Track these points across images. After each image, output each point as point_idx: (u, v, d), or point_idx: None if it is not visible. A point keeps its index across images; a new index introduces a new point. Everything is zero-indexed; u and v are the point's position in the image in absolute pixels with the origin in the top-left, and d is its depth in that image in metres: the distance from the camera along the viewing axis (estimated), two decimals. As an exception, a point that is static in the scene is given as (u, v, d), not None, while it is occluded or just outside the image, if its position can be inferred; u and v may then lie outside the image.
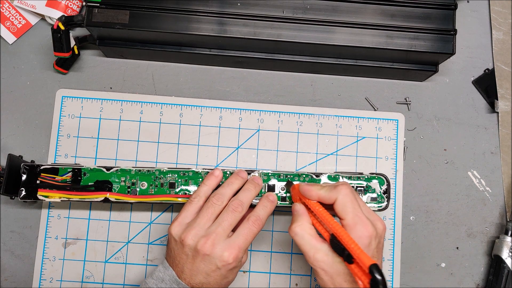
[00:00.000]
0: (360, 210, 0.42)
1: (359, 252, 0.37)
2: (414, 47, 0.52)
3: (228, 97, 0.59)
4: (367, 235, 0.41)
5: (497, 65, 0.59)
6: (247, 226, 0.45)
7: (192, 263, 0.44)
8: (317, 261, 0.41)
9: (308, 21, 0.52)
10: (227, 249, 0.43)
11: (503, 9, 0.60)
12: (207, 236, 0.44)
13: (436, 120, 0.59)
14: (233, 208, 0.46)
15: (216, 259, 0.43)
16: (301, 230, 0.43)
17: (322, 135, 0.58)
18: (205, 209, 0.46)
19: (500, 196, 0.58)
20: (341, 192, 0.42)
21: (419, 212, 0.57)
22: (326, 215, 0.42)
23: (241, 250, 0.44)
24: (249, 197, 0.48)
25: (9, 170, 0.50)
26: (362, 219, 0.41)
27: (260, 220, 0.46)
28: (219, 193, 0.47)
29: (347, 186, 0.43)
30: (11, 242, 0.56)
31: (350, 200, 0.42)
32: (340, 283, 0.41)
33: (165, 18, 0.52)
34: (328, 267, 0.41)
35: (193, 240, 0.44)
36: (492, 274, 0.55)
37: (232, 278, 0.46)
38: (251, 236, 0.45)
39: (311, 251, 0.41)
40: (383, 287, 0.35)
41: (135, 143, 0.57)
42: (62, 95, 0.58)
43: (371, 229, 0.41)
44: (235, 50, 0.56)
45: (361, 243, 0.40)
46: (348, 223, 0.41)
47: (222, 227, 0.44)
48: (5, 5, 0.59)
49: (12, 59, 0.59)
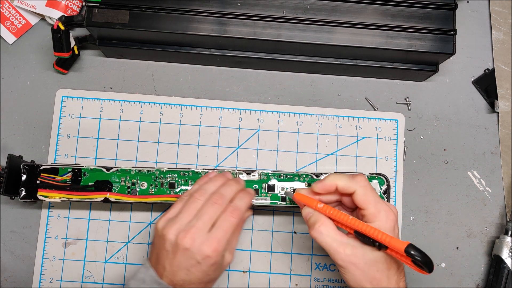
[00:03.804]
0: (379, 198, 0.43)
1: (390, 239, 0.39)
2: (414, 47, 0.52)
3: (228, 97, 0.59)
4: (392, 219, 0.42)
5: (497, 65, 0.59)
6: (225, 217, 0.44)
7: (173, 259, 0.43)
8: (348, 255, 0.41)
9: (308, 21, 0.52)
10: (206, 243, 0.43)
11: (503, 9, 0.60)
12: (187, 230, 0.43)
13: (436, 120, 0.59)
14: (213, 201, 0.45)
15: (195, 253, 0.42)
16: (326, 229, 0.42)
17: (322, 135, 0.58)
18: (187, 205, 0.45)
19: (500, 196, 0.58)
20: (360, 183, 0.43)
21: (419, 212, 0.57)
22: (341, 214, 0.42)
23: (221, 242, 0.43)
24: (229, 191, 0.47)
25: (9, 170, 0.50)
26: (383, 206, 0.42)
27: (239, 210, 0.45)
28: (202, 188, 0.47)
29: (364, 176, 0.44)
30: (11, 242, 0.56)
31: (370, 189, 0.43)
32: (373, 274, 0.41)
33: (165, 18, 0.52)
34: (360, 260, 0.41)
35: (173, 234, 0.43)
36: (492, 274, 0.55)
37: (214, 277, 0.45)
38: (230, 227, 0.44)
39: (340, 247, 0.41)
40: (426, 260, 0.38)
41: (135, 143, 0.57)
42: (62, 95, 0.58)
43: (392, 214, 0.42)
44: (235, 50, 0.56)
45: (388, 228, 0.41)
46: (372, 211, 0.42)
47: (202, 220, 0.44)
48: (5, 5, 0.59)
49: (12, 59, 0.59)
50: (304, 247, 0.56)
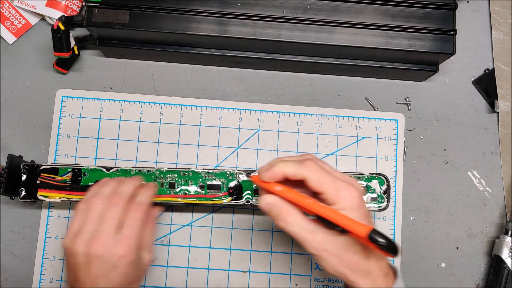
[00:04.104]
0: (335, 176, 0.39)
1: (350, 224, 0.36)
2: (414, 47, 0.52)
3: (228, 97, 0.59)
4: (355, 196, 0.38)
5: (497, 65, 0.59)
6: (130, 215, 0.44)
7: (89, 271, 0.42)
8: (319, 242, 0.38)
9: (308, 21, 0.52)
10: (117, 243, 0.42)
11: (503, 9, 0.60)
12: (95, 238, 0.42)
13: (436, 120, 0.59)
14: (112, 202, 0.44)
15: (109, 256, 0.41)
16: (291, 217, 0.39)
17: (322, 135, 0.58)
18: (88, 213, 0.44)
19: (500, 196, 0.58)
20: (310, 168, 0.39)
21: (419, 212, 0.57)
22: (301, 197, 0.39)
23: (132, 239, 0.42)
24: (125, 188, 0.46)
25: (9, 170, 0.50)
26: (342, 184, 0.38)
27: (141, 204, 0.45)
28: (99, 193, 0.45)
29: (312, 160, 0.40)
30: (11, 242, 0.56)
31: (322, 171, 0.39)
32: (349, 258, 0.38)
33: (165, 18, 0.52)
34: (332, 246, 0.38)
35: (83, 246, 0.42)
36: (492, 274, 0.55)
37: (136, 277, 0.44)
38: (137, 223, 0.43)
39: (309, 235, 0.38)
40: (391, 246, 0.34)
41: (135, 143, 0.57)
42: (62, 95, 0.58)
43: (354, 189, 0.39)
44: (235, 50, 0.56)
45: (352, 205, 0.38)
46: (331, 194, 0.38)
47: (107, 224, 0.43)
48: (5, 5, 0.59)
49: (12, 59, 0.59)
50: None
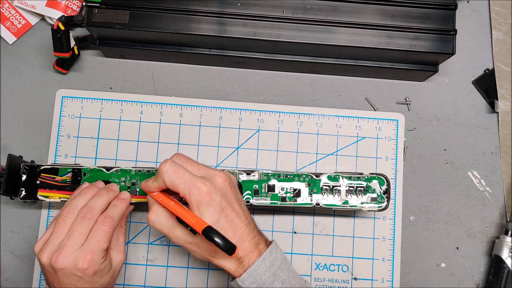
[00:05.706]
0: (188, 175, 0.43)
1: (194, 221, 0.41)
2: (414, 47, 0.52)
3: (228, 97, 0.59)
4: (204, 193, 0.42)
5: (497, 65, 0.59)
6: (96, 227, 0.45)
7: (58, 280, 0.44)
8: (178, 237, 0.44)
9: (308, 21, 0.52)
10: (80, 258, 0.43)
11: (503, 9, 0.60)
12: (59, 251, 0.43)
13: (436, 120, 0.59)
14: (82, 216, 0.45)
15: (72, 269, 0.43)
16: (156, 216, 0.45)
17: (322, 135, 0.58)
18: (57, 225, 0.45)
19: (500, 196, 0.58)
20: (163, 172, 0.43)
21: (419, 212, 0.57)
22: (166, 200, 0.44)
23: (95, 252, 0.44)
24: (99, 202, 0.47)
25: (9, 170, 0.50)
26: (192, 182, 0.42)
27: (110, 218, 0.46)
28: (70, 205, 0.46)
29: (165, 164, 0.44)
30: (11, 242, 0.56)
31: (174, 173, 0.43)
32: (207, 247, 0.43)
33: (165, 18, 0.52)
34: (189, 241, 0.43)
35: (47, 257, 0.44)
36: (492, 274, 0.55)
37: (107, 280, 0.46)
38: (104, 236, 0.45)
39: (170, 231, 0.44)
40: (225, 245, 0.39)
41: (135, 143, 0.57)
42: (62, 95, 0.58)
43: (205, 186, 0.42)
44: (235, 50, 0.56)
45: (202, 203, 0.42)
46: (183, 193, 0.42)
47: (73, 238, 0.44)
48: (5, 5, 0.59)
49: (12, 59, 0.59)
50: (304, 247, 0.56)
